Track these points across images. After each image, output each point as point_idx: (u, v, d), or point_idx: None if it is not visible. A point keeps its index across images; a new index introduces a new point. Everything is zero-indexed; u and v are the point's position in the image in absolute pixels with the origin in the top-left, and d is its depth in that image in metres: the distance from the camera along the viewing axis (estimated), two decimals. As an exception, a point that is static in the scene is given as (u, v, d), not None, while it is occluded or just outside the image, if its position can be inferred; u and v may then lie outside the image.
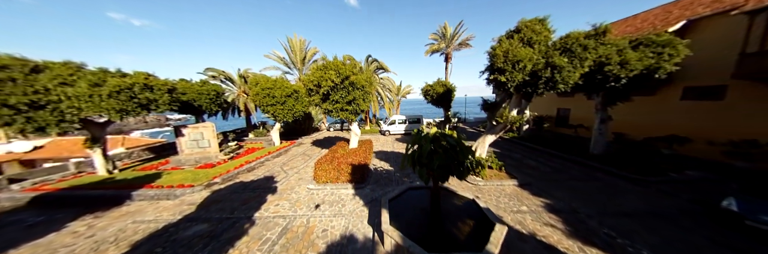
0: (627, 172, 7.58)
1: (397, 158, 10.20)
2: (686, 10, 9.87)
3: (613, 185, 6.90)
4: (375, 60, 15.75)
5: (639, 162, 8.32)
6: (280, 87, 11.13)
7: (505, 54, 6.24)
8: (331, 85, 7.11)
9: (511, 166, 8.91)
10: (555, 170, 8.44)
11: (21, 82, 5.69)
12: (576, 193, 6.29)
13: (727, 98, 8.08)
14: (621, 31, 12.12)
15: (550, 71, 5.97)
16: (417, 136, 3.97)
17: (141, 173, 8.27)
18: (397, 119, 17.02)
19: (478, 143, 9.11)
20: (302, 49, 15.76)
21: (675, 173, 7.36)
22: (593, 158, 9.08)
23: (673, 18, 9.88)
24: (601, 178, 7.53)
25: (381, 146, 13.31)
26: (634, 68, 7.04)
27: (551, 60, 5.92)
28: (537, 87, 6.44)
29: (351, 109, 7.79)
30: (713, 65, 8.10)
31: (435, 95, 12.62)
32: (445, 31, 19.91)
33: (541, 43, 6.46)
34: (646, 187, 6.64)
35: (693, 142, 8.79)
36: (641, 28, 10.90)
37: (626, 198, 5.94)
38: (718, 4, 8.58)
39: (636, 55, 7.03)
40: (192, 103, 10.64)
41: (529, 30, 6.75)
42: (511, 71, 6.27)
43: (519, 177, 7.24)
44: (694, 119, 8.87)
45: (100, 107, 6.44)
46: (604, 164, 8.45)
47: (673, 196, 5.96)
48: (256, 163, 9.46)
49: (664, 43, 7.27)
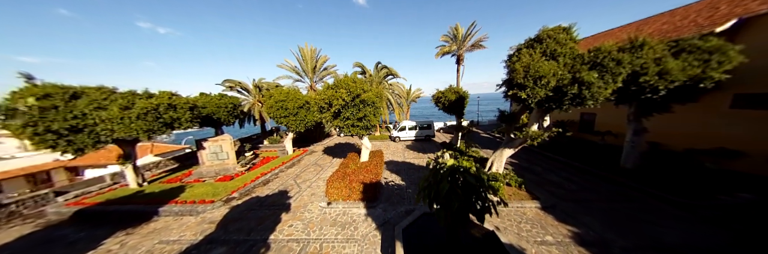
0: (666, 192, 6.85)
1: (408, 170, 10.01)
2: (736, 6, 8.69)
3: (650, 208, 6.25)
4: (384, 66, 15.61)
5: (679, 180, 7.50)
6: (292, 99, 11.35)
7: (526, 69, 5.81)
8: (343, 103, 7.08)
9: (532, 182, 8.39)
10: (582, 187, 7.84)
11: (62, 109, 6.22)
12: (607, 218, 5.77)
13: (790, 108, 7.03)
14: (656, 30, 10.98)
15: (577, 88, 5.46)
16: (434, 173, 3.77)
17: (167, 185, 8.80)
18: (407, 125, 16.76)
19: (494, 156, 8.68)
20: (313, 58, 15.98)
21: (725, 195, 6.52)
22: (625, 174, 8.32)
23: (719, 16, 8.75)
24: (635, 199, 6.87)
25: (392, 154, 13.18)
26: (676, 79, 6.29)
27: (579, 75, 5.41)
28: (562, 103, 5.93)
29: (362, 125, 7.74)
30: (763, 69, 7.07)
31: (446, 102, 12.13)
32: (456, 32, 19.21)
33: (565, 55, 5.95)
34: (691, 213, 5.95)
35: (747, 156, 7.77)
36: (681, 27, 9.78)
37: (667, 227, 5.34)
38: (778, 0, 7.45)
39: (678, 64, 6.28)
40: (211, 116, 11.15)
41: (553, 41, 6.25)
42: (533, 87, 5.83)
43: (541, 197, 6.79)
44: (747, 130, 7.83)
45: (129, 128, 6.89)
46: (639, 181, 7.70)
47: (721, 226, 5.27)
48: (271, 175, 9.73)
49: (712, 49, 6.42)
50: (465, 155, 11.22)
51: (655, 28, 11.16)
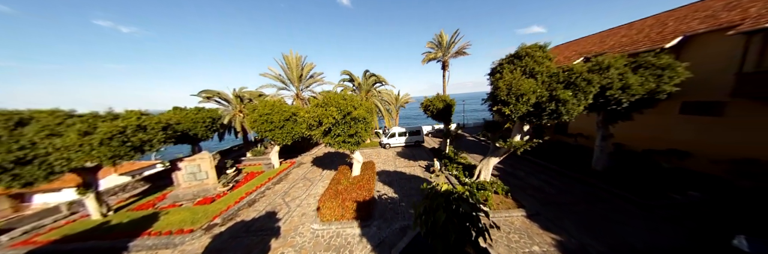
0: (630, 193, 7.60)
1: (401, 180, 10.08)
2: (681, 23, 9.87)
3: (618, 209, 6.91)
4: (373, 74, 15.53)
5: (640, 179, 8.37)
6: (278, 111, 10.84)
7: (509, 87, 6.11)
8: (333, 121, 6.89)
9: (516, 187, 8.87)
10: (560, 190, 8.43)
11: (5, 139, 5.34)
12: (583, 221, 6.29)
13: (725, 115, 8.13)
14: (617, 42, 12.11)
15: (554, 104, 5.87)
16: (430, 198, 3.80)
17: (137, 213, 7.97)
18: (396, 131, 16.84)
19: (482, 165, 9.04)
20: (299, 66, 15.38)
21: (677, 194, 7.40)
22: (596, 175, 9.11)
23: (668, 32, 9.87)
24: (605, 199, 7.55)
25: (383, 163, 13.17)
26: (636, 93, 7.00)
27: (556, 93, 5.82)
28: (541, 118, 6.35)
29: (353, 141, 7.61)
30: (712, 82, 8.12)
31: (435, 110, 12.56)
32: (441, 39, 19.72)
33: (543, 73, 6.35)
34: (651, 212, 6.66)
35: (693, 157, 8.87)
36: (637, 41, 10.88)
37: (632, 228, 5.94)
38: (713, 21, 8.57)
39: (637, 79, 6.98)
40: (187, 132, 10.29)
41: (531, 59, 6.64)
42: (515, 104, 6.16)
43: (527, 205, 7.20)
44: (693, 133, 8.94)
45: (90, 156, 6.12)
46: (607, 182, 8.47)
47: (678, 224, 5.98)
48: (257, 194, 9.23)
49: (664, 65, 7.24)
50: (454, 162, 11.55)
51: (616, 41, 12.31)
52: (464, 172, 10.08)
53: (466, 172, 10.10)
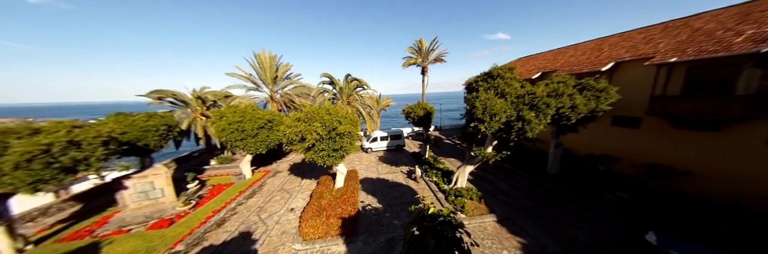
0: (576, 195, 9.03)
1: (384, 189, 10.24)
2: (613, 50, 11.97)
3: (568, 211, 8.16)
4: (355, 79, 15.30)
5: (583, 181, 10.02)
6: (250, 119, 9.94)
7: (484, 106, 6.72)
8: (318, 137, 6.63)
9: (487, 192, 9.80)
10: (523, 194, 9.56)
11: None
12: (542, 223, 7.28)
13: (641, 128, 10.18)
14: (565, 62, 14.11)
15: (520, 123, 6.66)
16: (418, 223, 3.97)
17: (69, 245, 6.58)
18: (378, 136, 16.96)
19: (459, 172, 9.73)
20: (273, 66, 14.25)
21: (609, 194, 9.05)
22: (551, 179, 10.55)
23: (604, 56, 11.89)
24: (558, 202, 8.82)
25: (365, 169, 13.17)
26: (582, 112, 8.32)
27: (522, 114, 6.60)
28: (510, 134, 7.13)
29: (338, 155, 7.45)
30: (633, 100, 10.05)
31: (416, 117, 13.15)
32: (420, 45, 20.46)
33: (511, 94, 7.13)
34: (593, 212, 8.03)
35: (620, 161, 10.92)
36: (581, 62, 12.85)
37: (580, 227, 7.10)
38: (635, 51, 10.61)
39: (583, 100, 8.30)
40: (136, 143, 8.78)
41: (502, 81, 7.40)
42: (489, 122, 6.80)
43: (497, 210, 8.01)
44: (620, 142, 10.98)
45: (2, 184, 4.84)
46: (560, 185, 9.90)
47: (611, 222, 7.34)
48: (227, 211, 8.41)
49: (601, 88, 8.73)
50: (433, 168, 12.18)
51: (565, 60, 14.34)
52: (443, 178, 10.72)
53: (444, 178, 10.75)
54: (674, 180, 8.97)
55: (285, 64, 14.85)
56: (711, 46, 7.98)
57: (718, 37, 8.20)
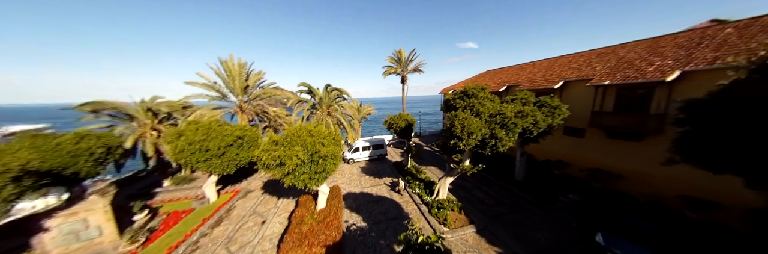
0: (538, 199, 10.17)
1: (368, 204, 10.11)
2: (562, 70, 13.92)
3: (531, 214, 9.13)
4: (335, 88, 14.89)
5: (543, 185, 11.35)
6: (215, 136, 8.88)
7: (462, 126, 7.19)
8: (299, 162, 6.21)
9: (465, 200, 10.42)
10: (496, 201, 10.39)
11: None
12: (512, 230, 8.04)
13: (585, 137, 11.97)
14: (525, 78, 15.92)
15: (494, 141, 7.29)
16: (406, 252, 4.02)
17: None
18: (360, 146, 16.74)
19: (440, 184, 10.16)
20: (242, 74, 12.96)
21: (563, 197, 10.40)
22: (518, 185, 11.70)
23: (556, 75, 13.75)
24: (524, 207, 9.80)
25: (348, 182, 12.84)
26: (542, 127, 9.45)
27: (495, 132, 7.24)
28: (485, 149, 7.74)
29: (320, 177, 7.09)
30: (579, 114, 11.78)
31: (398, 128, 13.43)
32: (400, 55, 21.07)
33: (485, 113, 7.77)
34: (551, 215, 9.12)
35: (571, 166, 12.65)
36: (538, 79, 14.64)
37: (541, 230, 7.99)
38: (578, 72, 12.50)
39: (542, 116, 9.43)
40: (61, 172, 7.08)
41: (476, 100, 8.02)
42: (467, 139, 7.29)
43: (476, 220, 8.55)
44: (570, 149, 12.74)
45: None
46: (525, 190, 11.03)
47: (566, 224, 8.43)
48: (186, 246, 7.28)
49: (555, 105, 10.06)
50: (416, 179, 12.50)
51: (526, 76, 16.18)
52: (425, 190, 11.07)
53: (426, 190, 11.11)
54: (610, 182, 10.74)
55: (257, 72, 13.68)
56: (632, 73, 9.85)
57: (637, 65, 10.16)
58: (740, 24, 8.87)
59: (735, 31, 8.67)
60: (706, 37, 9.30)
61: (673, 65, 8.86)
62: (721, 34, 8.90)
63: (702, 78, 8.09)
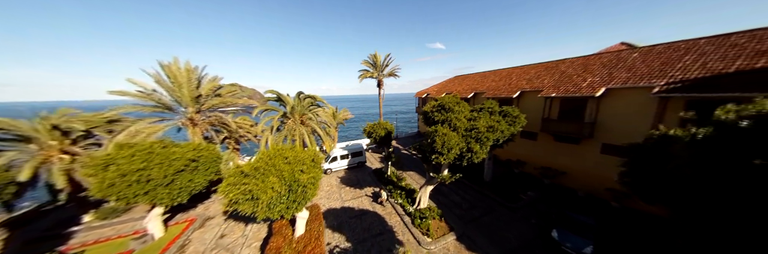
0: (504, 199, 11.41)
1: (350, 220, 9.79)
2: (518, 80, 15.71)
3: (500, 214, 10.20)
4: (308, 96, 13.75)
5: (507, 185, 12.78)
6: (161, 162, 7.24)
7: (443, 142, 7.50)
8: (275, 195, 5.45)
9: (443, 205, 11.01)
10: (471, 205, 11.25)
11: None
12: (486, 232, 8.84)
13: (537, 140, 13.86)
14: (490, 86, 17.51)
15: (470, 154, 7.81)
16: None
17: None
18: (338, 154, 16.07)
19: (420, 193, 10.47)
20: (192, 81, 10.78)
21: (523, 194, 11.90)
22: (487, 186, 12.90)
23: (513, 85, 15.45)
24: (494, 208, 10.87)
25: (327, 197, 12.20)
26: (506, 136, 10.53)
27: (471, 146, 7.75)
28: (462, 161, 8.25)
29: (299, 205, 6.45)
30: (533, 120, 13.52)
31: (378, 137, 13.31)
32: (375, 59, 20.82)
33: (461, 128, 8.24)
34: (515, 213, 10.34)
35: (527, 164, 14.52)
36: (500, 87, 16.25)
37: (509, 229, 9.00)
38: (531, 84, 14.28)
39: (506, 126, 10.51)
40: None
41: (453, 116, 8.43)
42: (446, 154, 7.64)
43: (456, 227, 9.10)
44: (526, 150, 14.59)
45: None
46: (493, 191, 12.24)
47: (527, 221, 9.66)
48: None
49: (516, 115, 11.32)
50: (397, 187, 12.64)
51: (489, 84, 17.78)
52: (407, 199, 11.29)
53: (408, 199, 11.34)
54: (557, 179, 12.72)
55: (212, 78, 11.61)
56: (571, 88, 11.70)
57: (574, 80, 12.09)
58: (643, 50, 11.31)
59: (639, 56, 11.03)
60: (621, 59, 11.60)
61: (600, 82, 10.82)
62: (630, 58, 11.22)
63: (620, 94, 10.10)
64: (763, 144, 1.88)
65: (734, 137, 2.08)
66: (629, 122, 9.79)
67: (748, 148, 1.95)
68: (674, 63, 9.35)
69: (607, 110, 10.54)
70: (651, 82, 9.08)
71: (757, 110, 2.24)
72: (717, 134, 2.17)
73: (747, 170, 1.88)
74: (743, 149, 1.98)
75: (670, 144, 2.66)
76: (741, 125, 2.10)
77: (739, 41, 8.58)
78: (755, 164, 1.85)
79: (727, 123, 2.20)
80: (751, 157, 1.91)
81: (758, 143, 1.91)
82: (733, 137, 2.09)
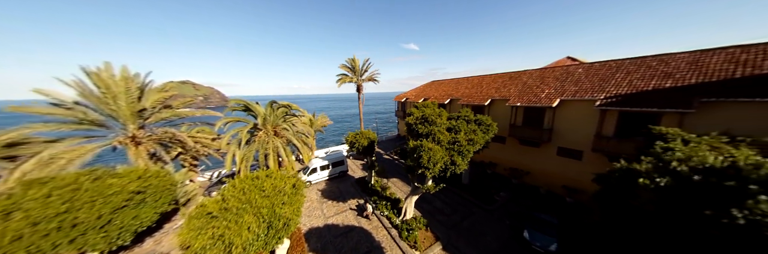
0: (481, 201, 12.31)
1: (336, 240, 9.35)
2: (488, 88, 17.02)
3: (479, 217, 10.96)
4: (282, 105, 12.53)
5: (482, 187, 13.82)
6: (91, 200, 5.69)
7: (429, 158, 7.64)
8: (253, 237, 4.66)
9: (427, 213, 11.34)
10: (453, 210, 11.81)
11: None
12: (467, 237, 9.38)
13: (506, 144, 15.27)
14: (464, 93, 18.60)
15: (453, 167, 8.14)
16: None
17: None
18: (317, 165, 15.18)
19: (406, 203, 10.56)
20: (132, 91, 8.48)
21: (497, 195, 13.01)
22: (466, 188, 13.74)
23: (484, 93, 16.68)
24: (473, 211, 11.62)
25: (308, 214, 11.42)
26: (482, 144, 11.31)
27: (454, 159, 8.07)
28: (446, 173, 8.56)
29: (278, 240, 5.76)
30: (502, 125, 14.80)
31: (361, 147, 12.92)
32: (354, 63, 20.23)
33: (444, 141, 8.53)
34: (491, 214, 11.23)
35: (498, 165, 15.90)
36: (473, 94, 17.38)
37: (488, 232, 9.73)
38: (499, 93, 15.60)
39: (482, 135, 11.26)
40: None
41: (436, 129, 8.66)
42: (432, 168, 7.82)
43: (441, 236, 9.44)
44: (497, 153, 15.96)
45: None
46: (471, 193, 13.10)
47: (502, 222, 10.57)
48: None
49: (489, 124, 12.22)
50: (382, 198, 12.53)
51: (463, 91, 18.88)
52: (393, 210, 11.29)
53: (394, 210, 11.35)
54: (523, 178, 14.23)
55: (159, 87, 9.64)
56: (532, 98, 13.13)
57: (535, 91, 13.59)
58: (585, 66, 13.27)
59: (583, 71, 12.92)
60: (569, 73, 13.43)
61: (555, 94, 12.37)
62: (576, 73, 13.06)
63: (572, 105, 11.69)
64: (712, 197, 2.33)
65: (689, 189, 2.53)
66: (578, 128, 11.42)
67: (700, 199, 2.40)
68: (609, 79, 11.20)
69: (561, 118, 12.13)
70: (594, 95, 10.72)
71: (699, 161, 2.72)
72: (675, 185, 2.63)
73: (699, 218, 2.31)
74: (696, 199, 2.42)
75: (634, 178, 3.14)
76: (695, 179, 2.58)
77: (652, 63, 10.68)
78: (706, 214, 2.28)
79: (683, 175, 2.68)
80: (703, 208, 2.35)
81: (708, 195, 2.37)
82: (688, 188, 2.55)
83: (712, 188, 2.42)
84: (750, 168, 2.45)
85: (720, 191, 2.34)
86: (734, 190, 2.27)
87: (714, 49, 9.48)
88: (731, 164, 2.52)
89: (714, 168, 2.57)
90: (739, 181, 2.31)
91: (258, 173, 6.26)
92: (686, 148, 5.34)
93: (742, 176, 2.34)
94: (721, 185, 2.37)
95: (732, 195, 2.25)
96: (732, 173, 2.44)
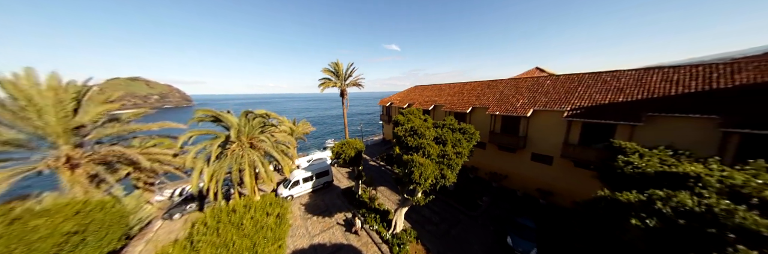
0: (465, 207, 12.74)
1: (322, 260, 8.80)
2: (469, 96, 17.81)
3: (465, 225, 11.30)
4: (257, 115, 11.37)
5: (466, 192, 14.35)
6: (6, 251, 4.39)
7: (420, 174, 7.59)
8: None
9: (416, 222, 11.34)
10: (440, 218, 11.99)
11: None
12: (456, 247, 9.56)
13: (486, 149, 16.11)
14: (447, 99, 19.20)
15: (443, 180, 8.23)
16: None
17: None
18: (300, 177, 14.18)
19: (396, 216, 10.40)
20: (65, 104, 6.62)
21: (480, 200, 13.61)
22: (451, 195, 14.11)
23: (465, 100, 17.41)
24: (459, 219, 11.95)
25: (291, 233, 10.56)
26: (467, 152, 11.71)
27: (444, 173, 8.15)
28: (436, 187, 8.62)
29: None
30: (482, 132, 15.57)
31: (347, 158, 12.43)
32: (337, 68, 19.53)
33: (433, 154, 8.58)
34: (476, 221, 11.68)
35: (479, 170, 16.69)
36: (455, 102, 18.02)
37: (474, 240, 10.06)
38: (479, 101, 16.42)
39: (467, 144, 11.68)
40: None
41: (426, 142, 8.68)
42: (423, 183, 7.79)
43: (431, 247, 9.46)
44: (478, 158, 16.74)
45: None
46: (456, 200, 13.49)
47: (486, 228, 11.04)
48: None
49: (472, 131, 12.74)
50: (371, 210, 12.18)
51: (446, 98, 19.48)
52: (383, 223, 11.03)
53: (383, 223, 11.10)
54: (502, 182, 15.13)
55: (104, 98, 7.91)
56: (509, 107, 14.04)
57: (511, 101, 14.56)
58: (553, 78, 14.62)
59: (551, 83, 14.21)
60: (539, 84, 14.66)
61: (529, 104, 13.38)
62: (546, 85, 14.32)
63: (543, 115, 12.74)
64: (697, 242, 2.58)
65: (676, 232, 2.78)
66: (549, 136, 12.50)
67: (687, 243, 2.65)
68: (573, 92, 12.46)
69: (534, 126, 13.17)
70: (561, 106, 11.82)
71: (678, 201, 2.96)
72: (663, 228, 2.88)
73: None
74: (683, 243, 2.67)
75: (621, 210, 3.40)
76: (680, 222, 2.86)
77: (606, 78, 12.16)
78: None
79: (668, 217, 2.95)
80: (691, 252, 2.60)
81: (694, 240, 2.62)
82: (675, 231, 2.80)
83: (696, 233, 2.68)
84: (724, 214, 2.73)
85: (704, 237, 2.61)
86: (715, 237, 2.54)
87: (653, 68, 11.14)
88: (708, 208, 2.84)
89: (694, 212, 2.88)
90: (718, 228, 2.60)
91: (234, 203, 5.50)
92: (641, 161, 6.19)
93: (721, 223, 2.61)
94: (703, 231, 2.64)
95: (714, 242, 2.52)
96: (710, 217, 2.73)
